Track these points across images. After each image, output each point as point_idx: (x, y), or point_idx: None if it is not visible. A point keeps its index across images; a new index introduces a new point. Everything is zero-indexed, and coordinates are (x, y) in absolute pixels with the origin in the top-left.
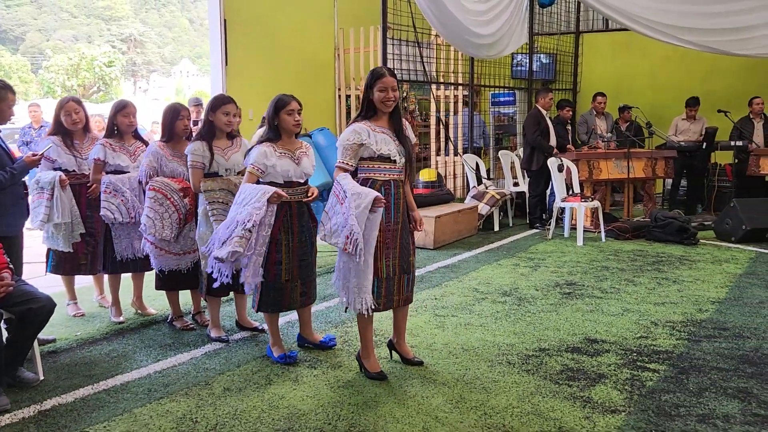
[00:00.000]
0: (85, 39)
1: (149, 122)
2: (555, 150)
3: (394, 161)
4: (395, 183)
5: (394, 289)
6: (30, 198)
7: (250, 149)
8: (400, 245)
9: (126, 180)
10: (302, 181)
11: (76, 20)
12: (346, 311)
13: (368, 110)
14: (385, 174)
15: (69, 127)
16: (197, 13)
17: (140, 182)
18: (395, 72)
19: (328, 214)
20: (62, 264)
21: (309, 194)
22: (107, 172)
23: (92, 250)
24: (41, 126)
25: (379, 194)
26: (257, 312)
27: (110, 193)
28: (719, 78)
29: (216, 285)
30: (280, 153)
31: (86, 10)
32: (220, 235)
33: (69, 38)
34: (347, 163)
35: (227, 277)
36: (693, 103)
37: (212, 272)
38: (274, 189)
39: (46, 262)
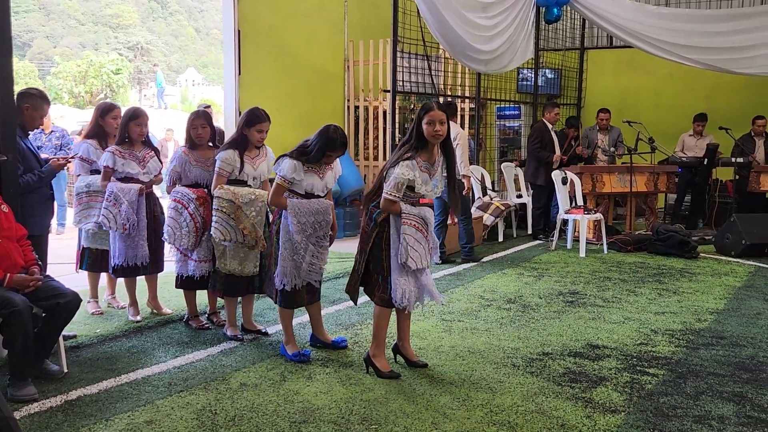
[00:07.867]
0: (92, 46)
1: (162, 130)
2: (557, 155)
3: (422, 195)
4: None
5: None
6: (79, 198)
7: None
8: None
9: (128, 191)
10: (322, 194)
11: (84, 27)
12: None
13: (418, 141)
14: (407, 200)
15: (109, 131)
16: (204, 23)
17: (169, 184)
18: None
19: (409, 243)
20: (98, 262)
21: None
22: (117, 179)
23: None
24: (51, 131)
25: None
26: (281, 307)
27: (111, 202)
28: (721, 96)
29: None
30: (307, 168)
31: (94, 18)
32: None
33: (76, 45)
34: (396, 196)
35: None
36: (700, 118)
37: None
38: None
39: (80, 260)
